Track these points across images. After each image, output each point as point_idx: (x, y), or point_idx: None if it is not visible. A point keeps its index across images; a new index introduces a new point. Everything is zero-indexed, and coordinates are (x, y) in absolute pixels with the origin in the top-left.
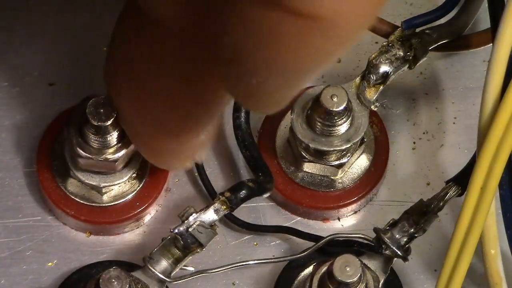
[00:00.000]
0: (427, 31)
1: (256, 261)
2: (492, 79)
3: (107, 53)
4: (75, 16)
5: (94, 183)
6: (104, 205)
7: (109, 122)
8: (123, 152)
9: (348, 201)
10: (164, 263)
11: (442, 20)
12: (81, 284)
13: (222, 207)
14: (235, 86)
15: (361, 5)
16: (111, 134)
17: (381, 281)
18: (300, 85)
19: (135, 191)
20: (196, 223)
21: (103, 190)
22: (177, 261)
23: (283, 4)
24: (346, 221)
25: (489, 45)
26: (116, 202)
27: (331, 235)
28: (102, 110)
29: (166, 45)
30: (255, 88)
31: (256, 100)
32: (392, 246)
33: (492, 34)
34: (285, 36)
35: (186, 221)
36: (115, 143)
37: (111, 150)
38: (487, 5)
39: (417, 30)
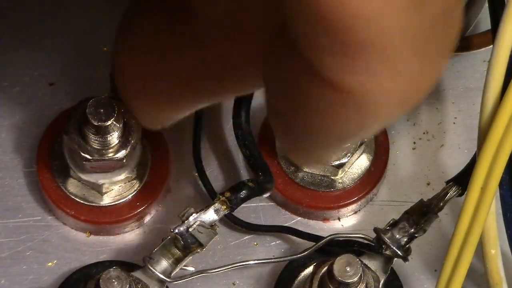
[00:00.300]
0: None
1: (256, 261)
2: (492, 79)
3: (123, 16)
4: (75, 16)
5: (94, 183)
6: (104, 205)
7: (109, 122)
8: (123, 152)
9: (348, 201)
10: (164, 263)
11: None
12: (81, 284)
13: (222, 207)
14: (280, 133)
15: (406, 91)
16: (111, 134)
17: (381, 281)
18: (339, 148)
19: (135, 191)
20: (196, 223)
21: (103, 190)
22: (177, 261)
23: (326, 77)
24: (346, 221)
25: (490, 46)
26: (116, 202)
27: (331, 235)
28: (102, 110)
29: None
30: (292, 143)
31: (294, 153)
32: (392, 246)
33: (492, 34)
34: (324, 108)
35: (186, 221)
36: (115, 143)
37: (111, 150)
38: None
39: None
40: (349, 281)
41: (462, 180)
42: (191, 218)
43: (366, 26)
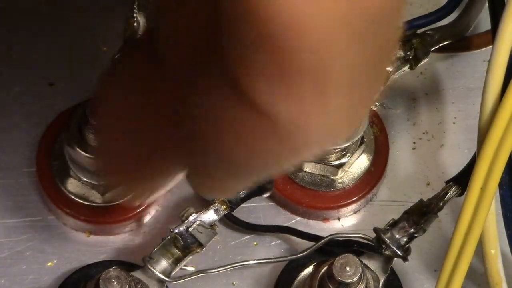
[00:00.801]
0: (428, 32)
1: (256, 261)
2: (492, 79)
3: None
4: (75, 16)
5: (94, 183)
6: (104, 205)
7: None
8: None
9: (348, 201)
10: (164, 263)
11: (444, 22)
12: (81, 284)
13: (222, 207)
14: (184, 157)
15: (332, 127)
16: None
17: (381, 281)
18: (247, 181)
19: None
20: (196, 223)
21: (103, 190)
22: (177, 261)
23: (247, 96)
24: (346, 221)
25: (490, 46)
26: (116, 202)
27: (331, 235)
28: None
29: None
30: (200, 168)
31: (199, 182)
32: (392, 246)
33: (492, 34)
34: (238, 128)
35: (186, 221)
36: None
37: None
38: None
39: (420, 31)
40: (349, 281)
41: (462, 180)
42: (191, 218)
43: (310, 53)
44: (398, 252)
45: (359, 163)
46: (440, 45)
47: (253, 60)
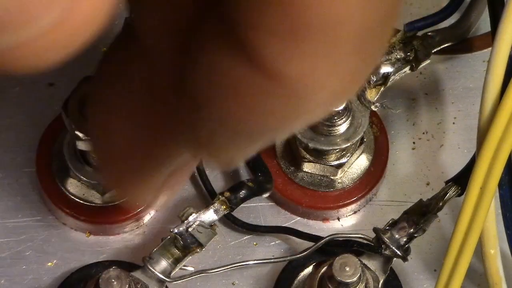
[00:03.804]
0: (429, 34)
1: (255, 261)
2: (492, 79)
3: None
4: None
5: (94, 183)
6: (104, 205)
7: None
8: None
9: (348, 201)
10: (163, 263)
11: (445, 23)
12: (81, 284)
13: (222, 207)
14: (188, 132)
15: (338, 86)
16: None
17: (381, 281)
18: (255, 146)
19: None
20: (196, 223)
21: (103, 190)
22: (176, 261)
23: (253, 58)
24: (346, 221)
25: (490, 48)
26: (116, 202)
27: (330, 235)
28: None
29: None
30: (206, 137)
31: (207, 151)
32: (391, 246)
33: (492, 34)
34: (242, 90)
35: (186, 221)
36: None
37: None
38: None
39: (421, 32)
40: (349, 281)
41: (462, 180)
42: (190, 218)
43: (319, 11)
44: (398, 252)
45: (359, 163)
46: (441, 47)
47: (262, 18)
